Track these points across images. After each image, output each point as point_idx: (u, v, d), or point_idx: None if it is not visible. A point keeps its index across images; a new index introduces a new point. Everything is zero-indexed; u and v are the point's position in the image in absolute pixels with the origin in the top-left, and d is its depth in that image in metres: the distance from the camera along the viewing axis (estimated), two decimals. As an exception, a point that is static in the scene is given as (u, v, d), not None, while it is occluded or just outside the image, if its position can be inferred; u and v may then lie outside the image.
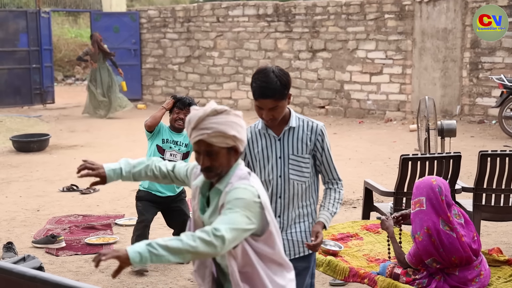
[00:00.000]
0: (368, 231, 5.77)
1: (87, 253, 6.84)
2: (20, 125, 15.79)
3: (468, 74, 15.27)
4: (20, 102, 19.08)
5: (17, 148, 12.65)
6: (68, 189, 9.55)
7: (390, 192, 6.31)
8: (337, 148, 12.90)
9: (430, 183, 4.64)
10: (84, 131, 15.30)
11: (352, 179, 10.09)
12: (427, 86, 15.78)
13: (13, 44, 18.89)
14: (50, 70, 19.83)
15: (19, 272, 2.62)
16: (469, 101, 15.35)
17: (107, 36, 19.84)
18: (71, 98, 21.59)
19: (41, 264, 5.87)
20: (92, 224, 7.80)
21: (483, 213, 6.39)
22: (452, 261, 4.56)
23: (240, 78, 18.50)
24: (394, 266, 4.79)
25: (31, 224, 7.87)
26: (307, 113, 17.10)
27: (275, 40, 17.82)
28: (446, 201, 4.61)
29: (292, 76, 17.23)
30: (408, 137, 13.85)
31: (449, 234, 4.54)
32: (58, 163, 11.56)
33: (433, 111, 8.36)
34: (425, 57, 15.77)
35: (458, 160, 6.19)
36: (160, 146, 6.41)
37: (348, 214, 8.18)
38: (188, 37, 19.25)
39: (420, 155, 6.26)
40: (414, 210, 4.66)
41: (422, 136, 8.47)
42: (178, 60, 19.54)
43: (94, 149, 12.88)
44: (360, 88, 16.71)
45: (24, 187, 9.77)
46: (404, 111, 16.18)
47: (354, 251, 5.35)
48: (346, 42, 16.74)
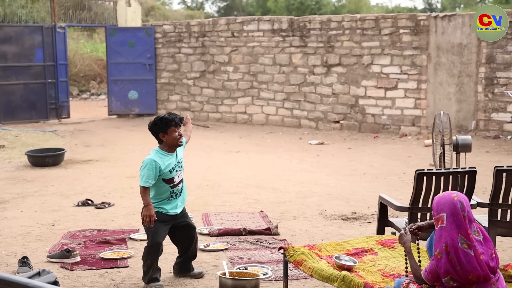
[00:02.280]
0: (383, 246, 5.75)
1: (102, 267, 6.85)
2: (36, 139, 15.88)
3: (483, 89, 15.23)
4: (36, 116, 19.21)
5: (32, 162, 12.72)
6: (83, 204, 9.58)
7: (405, 207, 6.29)
8: (352, 163, 12.89)
9: (451, 199, 4.60)
10: (99, 145, 15.36)
11: (366, 194, 10.07)
12: (442, 101, 15.75)
13: (29, 59, 19.04)
14: (66, 85, 19.96)
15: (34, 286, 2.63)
16: (484, 116, 15.31)
17: (122, 51, 20.00)
18: (86, 112, 21.71)
19: (56, 279, 5.87)
20: (107, 238, 7.81)
21: (499, 228, 6.36)
22: (469, 279, 4.53)
23: (255, 93, 18.53)
24: (409, 282, 4.77)
25: (46, 238, 7.90)
26: (321, 127, 17.10)
27: (290, 55, 17.86)
28: (468, 217, 4.58)
29: (306, 91, 17.36)
30: (423, 152, 13.81)
31: (467, 252, 4.51)
32: (73, 177, 11.60)
33: (448, 126, 8.33)
34: (440, 72, 15.75)
35: (474, 176, 6.16)
36: (168, 178, 6.21)
37: (363, 229, 8.16)
38: (203, 52, 19.33)
39: (435, 170, 6.24)
40: (437, 228, 4.63)
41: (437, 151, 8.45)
42: (193, 75, 19.61)
43: (109, 164, 12.93)
44: (375, 103, 16.71)
45: (39, 201, 9.81)
46: (419, 126, 16.15)
47: (369, 266, 5.34)
48: (361, 57, 16.75)
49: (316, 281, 6.13)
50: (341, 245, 5.75)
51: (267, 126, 17.97)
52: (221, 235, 7.97)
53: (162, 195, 6.25)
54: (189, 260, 6.55)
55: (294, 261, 5.32)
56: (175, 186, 6.26)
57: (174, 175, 6.24)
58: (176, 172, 6.26)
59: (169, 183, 6.23)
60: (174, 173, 6.24)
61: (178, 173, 6.29)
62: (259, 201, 9.79)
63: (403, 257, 5.44)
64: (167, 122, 6.20)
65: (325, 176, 11.59)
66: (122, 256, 7.14)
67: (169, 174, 6.21)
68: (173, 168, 6.23)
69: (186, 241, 6.50)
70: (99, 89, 27.28)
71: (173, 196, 6.28)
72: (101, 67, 27.62)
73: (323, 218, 8.76)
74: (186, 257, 6.53)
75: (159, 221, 6.26)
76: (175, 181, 6.26)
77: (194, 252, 6.57)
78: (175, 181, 6.26)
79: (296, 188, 10.60)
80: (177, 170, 6.28)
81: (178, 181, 6.29)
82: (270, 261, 7.00)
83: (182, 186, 6.37)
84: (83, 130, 17.96)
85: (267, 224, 8.39)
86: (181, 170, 6.33)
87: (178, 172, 6.29)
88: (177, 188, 6.28)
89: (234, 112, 18.90)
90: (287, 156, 13.79)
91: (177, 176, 6.27)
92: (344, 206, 9.41)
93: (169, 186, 6.24)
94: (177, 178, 6.28)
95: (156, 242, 6.23)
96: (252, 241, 7.73)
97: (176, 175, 6.27)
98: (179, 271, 6.55)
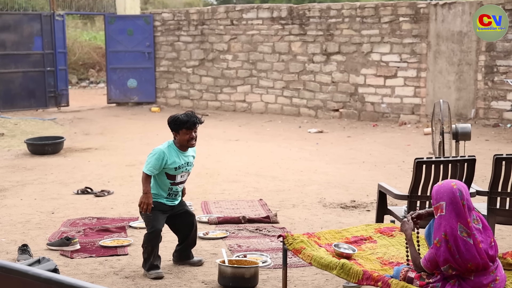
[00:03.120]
0: (382, 234, 5.77)
1: (102, 255, 6.86)
2: (35, 128, 15.89)
3: (483, 77, 15.23)
4: (35, 105, 19.21)
5: (32, 151, 12.72)
6: (82, 192, 9.59)
7: (404, 195, 6.31)
8: (351, 151, 12.90)
9: (450, 187, 4.61)
10: (98, 134, 15.36)
11: (366, 183, 10.09)
12: (441, 90, 15.75)
13: (28, 47, 19.01)
14: (65, 73, 19.94)
15: (34, 274, 2.64)
16: (484, 104, 15.31)
17: (121, 39, 19.96)
18: (85, 101, 21.71)
19: (56, 267, 5.90)
20: (107, 226, 7.83)
21: (498, 216, 6.37)
22: (468, 267, 4.54)
23: (254, 81, 18.52)
24: (408, 270, 4.79)
25: (45, 226, 7.92)
26: (321, 116, 17.10)
27: (289, 43, 17.84)
28: (467, 205, 4.59)
29: (306, 79, 17.35)
30: (422, 141, 13.82)
31: (466, 241, 4.52)
32: (72, 166, 11.61)
33: (447, 114, 8.33)
34: (440, 60, 15.73)
35: (473, 164, 6.17)
36: (170, 174, 6.25)
37: (362, 217, 8.18)
38: (202, 40, 19.30)
39: (435, 159, 6.25)
40: (436, 216, 4.64)
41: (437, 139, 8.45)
42: (192, 63, 19.59)
43: (108, 152, 12.93)
44: (374, 91, 16.70)
45: (38, 189, 9.83)
46: (419, 114, 16.15)
47: (368, 254, 5.36)
48: (361, 45, 16.73)
49: (315, 269, 6.15)
50: (340, 233, 5.76)
51: (266, 114, 17.96)
52: (220, 223, 7.98)
53: (161, 190, 6.31)
54: (189, 247, 6.58)
55: (293, 249, 5.33)
56: (175, 184, 6.30)
57: (178, 173, 6.29)
58: (180, 172, 6.30)
59: (170, 179, 6.28)
60: (178, 171, 6.28)
61: (182, 174, 6.32)
62: (258, 189, 9.80)
63: (402, 245, 5.46)
64: (180, 124, 6.25)
65: (324, 165, 11.60)
66: (122, 244, 7.16)
67: (173, 170, 6.25)
68: (179, 167, 6.27)
69: (186, 228, 6.52)
70: (98, 77, 27.25)
71: (171, 194, 6.34)
72: (100, 55, 27.58)
73: (322, 206, 8.77)
74: (185, 244, 6.55)
75: (156, 210, 6.31)
76: (177, 179, 6.30)
77: (194, 239, 6.59)
78: (177, 179, 6.30)
79: (295, 177, 10.61)
80: (182, 171, 6.32)
81: (179, 180, 6.32)
82: (269, 249, 7.02)
83: (180, 188, 6.39)
84: (82, 118, 17.96)
85: (266, 212, 8.41)
86: (186, 173, 6.36)
87: (183, 173, 6.33)
88: (176, 187, 6.32)
89: (233, 101, 18.89)
90: (287, 144, 13.79)
91: (180, 176, 6.31)
92: (343, 194, 9.43)
93: (169, 182, 6.28)
94: (179, 178, 6.32)
95: (156, 229, 6.26)
96: (251, 229, 7.75)
97: (179, 175, 6.31)
98: (179, 258, 6.57)
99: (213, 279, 6.10)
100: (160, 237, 6.37)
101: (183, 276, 6.24)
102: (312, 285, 5.96)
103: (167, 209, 6.36)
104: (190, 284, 6.03)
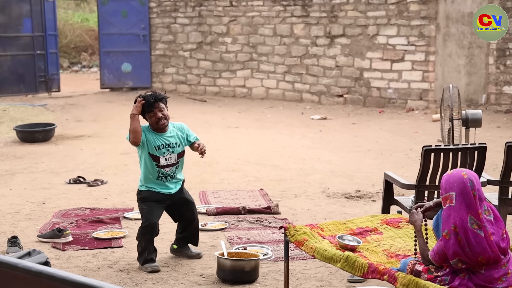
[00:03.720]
0: (388, 226, 5.77)
1: (95, 247, 6.88)
2: (24, 114, 15.88)
3: (495, 61, 15.21)
4: (24, 90, 19.17)
5: (21, 138, 12.72)
6: (74, 181, 9.59)
7: (412, 185, 6.31)
8: (356, 139, 12.90)
9: (461, 177, 4.60)
10: (91, 120, 15.36)
11: (371, 171, 10.10)
12: (451, 74, 15.73)
13: (17, 29, 18.96)
14: (56, 57, 19.90)
15: (24, 267, 2.64)
16: (495, 89, 15.30)
17: (114, 21, 19.92)
18: (77, 86, 21.68)
19: (47, 259, 5.91)
20: (100, 217, 7.84)
21: (510, 207, 6.38)
22: (479, 261, 4.55)
23: (254, 66, 18.50)
24: (415, 263, 4.79)
25: (36, 217, 7.93)
26: (324, 102, 17.08)
27: (291, 25, 17.80)
28: (478, 195, 4.59)
29: (309, 63, 17.33)
30: (431, 128, 13.82)
31: (476, 233, 4.52)
32: (64, 154, 11.62)
33: (457, 100, 8.32)
34: (449, 43, 15.71)
35: (484, 152, 6.17)
36: (154, 154, 6.29)
37: (367, 208, 8.19)
38: (200, 22, 19.26)
39: (443, 147, 6.25)
40: (445, 207, 4.64)
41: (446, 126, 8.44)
42: (189, 46, 19.56)
43: (101, 140, 12.94)
44: (380, 76, 16.68)
45: (29, 179, 9.83)
46: (427, 100, 16.13)
47: (374, 246, 5.36)
48: (366, 28, 16.69)
49: (318, 262, 6.16)
50: (344, 224, 5.77)
51: (267, 100, 17.95)
52: (219, 214, 8.00)
53: (150, 175, 6.32)
54: (191, 237, 6.58)
55: (296, 241, 5.34)
56: (160, 167, 6.30)
57: (161, 155, 6.30)
58: (163, 154, 6.31)
59: (155, 160, 6.29)
60: (160, 152, 6.29)
61: (165, 156, 6.32)
62: (258, 178, 9.81)
63: (409, 237, 5.47)
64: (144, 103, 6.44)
65: (328, 153, 11.60)
66: (116, 235, 7.17)
67: (155, 150, 6.29)
68: (159, 147, 6.30)
69: (185, 216, 6.49)
70: (91, 61, 27.20)
71: (162, 178, 6.33)
72: (92, 38, 27.52)
73: (325, 197, 8.78)
74: (187, 234, 6.53)
75: (152, 201, 6.31)
76: (161, 162, 6.30)
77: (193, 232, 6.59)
78: (161, 162, 6.30)
79: (297, 165, 10.62)
80: (165, 153, 6.32)
81: (165, 164, 6.30)
82: (270, 241, 7.03)
83: (174, 173, 6.37)
84: (74, 104, 17.95)
85: (267, 203, 8.42)
86: (171, 155, 6.34)
87: (167, 155, 6.32)
88: (165, 171, 6.30)
89: (232, 86, 18.87)
90: (288, 131, 13.79)
91: (164, 159, 6.31)
92: (347, 184, 9.43)
93: (155, 163, 6.29)
94: (163, 161, 6.31)
95: (151, 222, 6.26)
96: (252, 220, 7.76)
97: (163, 157, 6.31)
98: (183, 243, 6.55)
99: (212, 272, 6.12)
100: (156, 230, 6.36)
101: (180, 269, 6.26)
102: (315, 279, 5.98)
103: (162, 198, 6.35)
104: (188, 278, 6.04)
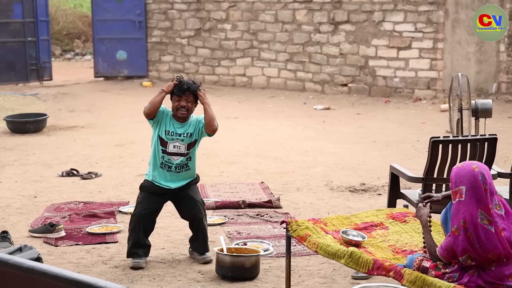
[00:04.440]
0: (394, 220, 5.78)
1: (89, 243, 6.89)
2: (15, 104, 15.88)
3: (506, 48, 15.20)
4: (15, 78, 19.15)
5: (12, 129, 12.72)
6: (67, 174, 9.60)
7: (419, 177, 6.32)
8: (361, 129, 12.91)
9: (472, 170, 4.59)
10: (84, 110, 15.36)
11: (377, 164, 10.11)
12: (460, 62, 15.72)
13: (6, 15, 18.93)
14: (47, 44, 19.87)
15: (15, 263, 2.65)
16: (506, 78, 15.29)
17: (108, 6, 19.88)
18: (70, 74, 21.66)
19: (39, 255, 5.91)
20: (94, 212, 7.85)
21: (521, 201, 6.39)
22: (489, 257, 4.55)
23: (255, 53, 18.48)
24: (422, 259, 4.79)
25: (27, 211, 7.94)
26: (328, 91, 17.08)
27: (293, 11, 17.78)
28: (489, 189, 4.58)
29: (311, 51, 17.31)
30: (439, 118, 13.83)
31: (487, 229, 4.52)
32: (56, 145, 11.62)
33: (466, 89, 8.32)
34: (458, 29, 15.69)
35: (494, 143, 6.18)
36: (163, 138, 6.30)
37: (373, 202, 8.20)
38: (198, 8, 19.23)
39: (452, 138, 6.26)
40: (454, 202, 4.64)
41: (454, 116, 8.45)
42: (187, 33, 19.53)
43: (95, 131, 12.94)
44: (386, 64, 16.67)
45: (19, 171, 9.84)
46: (435, 89, 16.13)
47: (379, 242, 5.37)
48: (372, 14, 16.67)
49: (321, 258, 6.17)
50: (348, 219, 5.78)
51: (268, 89, 17.94)
52: (218, 208, 8.01)
53: (155, 158, 6.33)
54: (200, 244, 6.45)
55: (298, 236, 5.34)
56: (167, 153, 6.28)
57: (169, 140, 6.29)
58: (171, 140, 6.30)
59: (163, 145, 6.29)
60: (169, 137, 6.30)
61: (174, 143, 6.30)
62: (259, 171, 9.82)
63: (416, 232, 5.48)
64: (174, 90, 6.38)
65: (331, 144, 11.61)
66: (111, 230, 7.19)
67: (164, 134, 6.31)
68: (169, 132, 6.30)
69: (189, 211, 6.43)
70: (84, 48, 27.16)
71: (165, 166, 6.30)
72: (86, 24, 27.48)
73: (329, 190, 8.79)
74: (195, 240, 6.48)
75: (149, 192, 6.33)
76: (168, 148, 6.28)
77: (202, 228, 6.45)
78: (168, 148, 6.28)
79: (299, 157, 10.62)
80: (174, 139, 6.31)
81: (171, 151, 6.29)
82: (271, 236, 7.05)
83: (179, 163, 6.34)
84: (67, 93, 17.94)
85: (268, 196, 8.43)
86: (180, 143, 6.31)
87: (175, 141, 6.31)
88: (169, 158, 6.29)
89: (232, 74, 18.86)
90: (290, 122, 13.80)
91: (172, 146, 6.30)
92: (352, 176, 9.44)
93: (161, 148, 6.29)
94: (171, 147, 6.29)
95: (137, 212, 6.29)
96: (252, 214, 7.77)
97: (171, 144, 6.29)
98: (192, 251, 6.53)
99: (211, 269, 6.13)
100: (145, 222, 6.31)
101: (178, 266, 6.27)
102: (318, 275, 5.99)
103: (160, 191, 6.34)
104: (186, 274, 6.06)
